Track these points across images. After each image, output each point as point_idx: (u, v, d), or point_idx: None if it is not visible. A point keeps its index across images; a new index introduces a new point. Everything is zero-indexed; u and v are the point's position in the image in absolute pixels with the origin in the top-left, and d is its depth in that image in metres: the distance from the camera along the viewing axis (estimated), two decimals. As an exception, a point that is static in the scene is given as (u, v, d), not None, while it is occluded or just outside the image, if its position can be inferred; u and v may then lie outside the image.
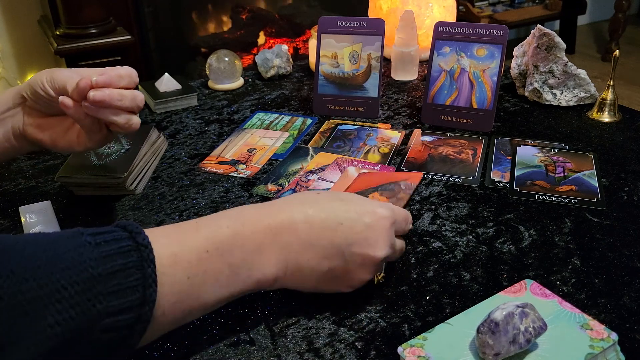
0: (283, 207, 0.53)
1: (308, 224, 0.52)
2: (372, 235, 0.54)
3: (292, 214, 0.53)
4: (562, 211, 0.73)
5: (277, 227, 0.52)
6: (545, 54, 0.99)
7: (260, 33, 2.63)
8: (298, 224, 0.52)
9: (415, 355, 0.48)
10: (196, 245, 0.47)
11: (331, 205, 0.54)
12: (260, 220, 0.51)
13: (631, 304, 0.58)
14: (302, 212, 0.53)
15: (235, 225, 0.50)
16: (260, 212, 0.52)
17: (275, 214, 0.52)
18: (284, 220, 0.52)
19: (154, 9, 2.29)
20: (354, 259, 0.54)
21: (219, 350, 0.54)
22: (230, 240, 0.49)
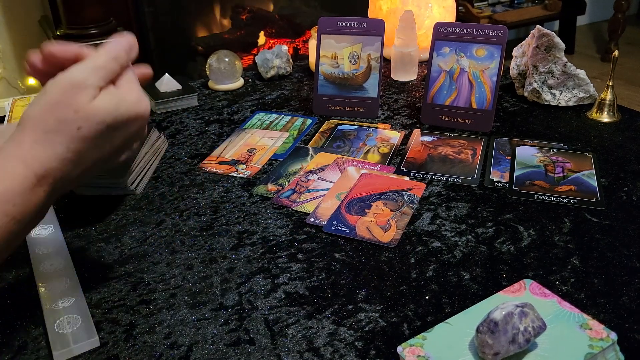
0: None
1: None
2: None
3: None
4: (561, 211, 0.73)
5: (50, 189, 0.49)
6: (544, 54, 0.99)
7: (260, 33, 2.63)
8: (67, 174, 0.49)
9: (415, 354, 0.49)
10: None
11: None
12: (32, 190, 0.47)
13: (630, 303, 0.58)
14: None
15: (6, 210, 0.46)
16: (26, 181, 0.47)
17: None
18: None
19: (154, 9, 2.29)
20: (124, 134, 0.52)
21: (219, 350, 0.54)
22: (9, 228, 0.46)
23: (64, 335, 0.54)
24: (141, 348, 0.54)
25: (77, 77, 0.49)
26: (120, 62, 0.52)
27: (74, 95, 0.48)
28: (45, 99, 0.49)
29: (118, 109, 0.50)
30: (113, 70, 0.51)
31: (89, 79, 0.49)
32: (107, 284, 0.62)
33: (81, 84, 0.49)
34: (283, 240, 0.69)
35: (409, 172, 0.83)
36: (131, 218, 0.74)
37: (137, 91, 0.52)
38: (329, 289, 0.61)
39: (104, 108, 0.49)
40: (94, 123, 0.49)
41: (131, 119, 0.51)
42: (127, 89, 0.52)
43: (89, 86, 0.49)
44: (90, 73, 0.49)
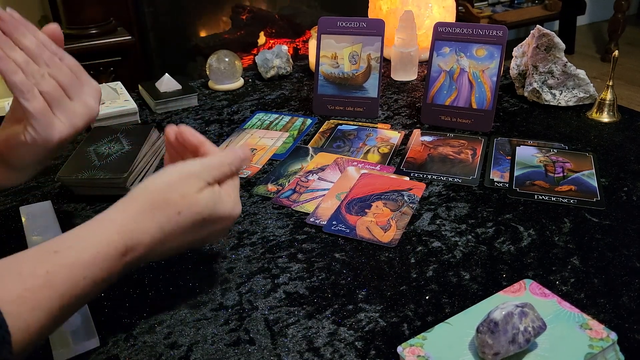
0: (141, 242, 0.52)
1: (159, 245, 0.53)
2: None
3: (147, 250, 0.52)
4: (561, 211, 0.73)
5: (132, 260, 0.51)
6: (544, 54, 0.99)
7: (260, 33, 2.63)
8: (151, 251, 0.52)
9: (415, 354, 0.49)
10: (50, 307, 0.45)
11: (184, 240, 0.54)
12: (118, 258, 0.50)
13: (630, 303, 0.58)
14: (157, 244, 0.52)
15: (92, 273, 0.48)
16: (116, 249, 0.50)
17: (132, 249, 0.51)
18: (139, 255, 0.51)
19: (154, 9, 2.29)
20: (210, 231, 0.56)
21: (219, 350, 0.54)
22: (88, 290, 0.48)
23: (64, 335, 0.54)
24: (141, 348, 0.54)
25: (194, 169, 0.55)
26: (232, 169, 0.57)
27: (185, 183, 0.53)
28: (162, 179, 0.54)
29: (216, 206, 0.54)
30: (224, 173, 0.57)
31: (202, 174, 0.55)
32: (107, 284, 0.62)
33: (194, 176, 0.54)
34: (283, 240, 0.69)
35: (409, 172, 0.83)
36: (131, 218, 0.74)
37: (235, 196, 0.58)
38: (329, 289, 0.61)
39: (205, 202, 0.54)
40: (193, 212, 0.53)
41: (223, 219, 0.56)
42: (229, 192, 0.57)
43: (200, 179, 0.54)
44: (205, 169, 0.55)
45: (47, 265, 0.46)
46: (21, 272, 0.46)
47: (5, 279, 0.45)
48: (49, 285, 0.46)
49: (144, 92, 1.10)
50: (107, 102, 1.01)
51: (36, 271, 0.46)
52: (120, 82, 1.12)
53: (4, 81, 0.57)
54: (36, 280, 0.45)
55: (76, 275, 0.47)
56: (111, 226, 0.50)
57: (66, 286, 0.46)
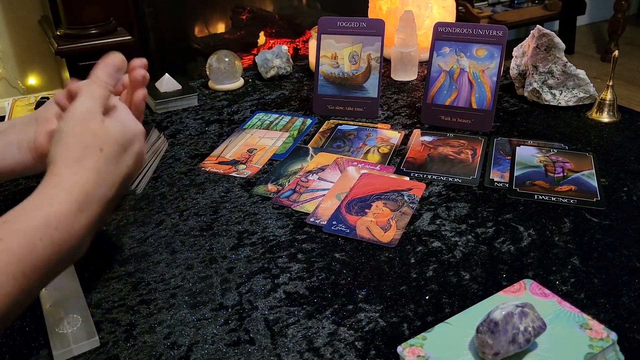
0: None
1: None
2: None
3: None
4: (561, 211, 0.73)
5: (90, 216, 0.51)
6: (544, 54, 0.99)
7: (260, 33, 2.63)
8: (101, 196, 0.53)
9: (415, 354, 0.49)
10: (12, 271, 0.46)
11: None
12: (73, 215, 0.50)
13: (630, 303, 0.58)
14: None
15: (49, 234, 0.48)
16: (69, 206, 0.50)
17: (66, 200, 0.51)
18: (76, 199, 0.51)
19: (154, 9, 2.29)
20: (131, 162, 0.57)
21: (219, 350, 0.54)
22: (50, 253, 0.48)
23: (64, 335, 0.54)
24: (141, 348, 0.54)
25: (83, 108, 0.54)
26: (109, 88, 0.57)
27: (87, 123, 0.54)
28: (64, 135, 0.53)
29: (124, 129, 0.56)
30: (105, 96, 0.56)
31: (92, 107, 0.55)
32: (107, 284, 0.62)
33: (89, 112, 0.54)
34: (283, 240, 0.69)
35: (409, 172, 0.83)
36: (131, 218, 0.74)
37: (130, 114, 0.59)
38: (329, 289, 0.61)
39: (114, 129, 0.55)
40: (111, 143, 0.54)
41: (135, 137, 0.57)
42: (124, 113, 0.57)
43: (95, 113, 0.54)
44: (91, 103, 0.55)
45: (0, 233, 0.46)
46: (9, 250, 0.46)
47: None
48: (6, 250, 0.46)
49: (144, 92, 1.10)
50: (107, 102, 1.01)
51: None
52: (120, 82, 1.12)
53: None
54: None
55: (31, 237, 0.47)
56: (54, 189, 0.51)
57: (23, 250, 0.46)
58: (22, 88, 2.51)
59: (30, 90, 2.51)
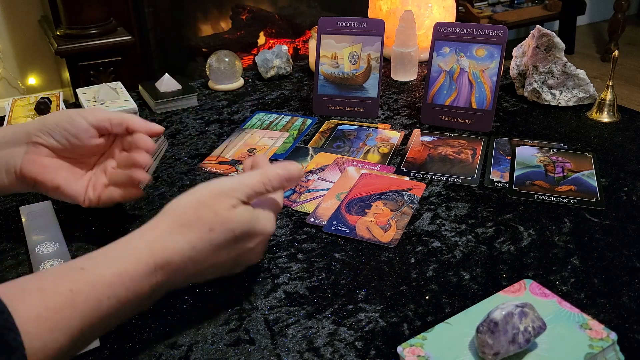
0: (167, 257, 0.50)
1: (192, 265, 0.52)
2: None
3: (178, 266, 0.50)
4: (561, 211, 0.73)
5: (162, 280, 0.50)
6: (544, 54, 0.99)
7: (260, 33, 2.63)
8: (183, 271, 0.51)
9: (415, 354, 0.49)
10: (70, 328, 0.44)
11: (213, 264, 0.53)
12: (146, 277, 0.48)
13: (630, 303, 0.58)
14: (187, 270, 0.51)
15: (117, 292, 0.47)
16: (145, 267, 0.49)
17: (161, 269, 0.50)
18: (169, 274, 0.50)
19: (154, 9, 2.29)
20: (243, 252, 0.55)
21: (219, 350, 0.54)
22: (112, 312, 0.47)
23: (64, 335, 0.54)
24: (141, 348, 0.54)
25: (227, 186, 0.53)
26: (269, 190, 0.56)
27: (218, 200, 0.52)
28: (193, 196, 0.53)
29: (250, 223, 0.53)
30: (260, 193, 0.55)
31: (236, 192, 0.53)
32: (107, 284, 0.62)
33: (228, 194, 0.53)
34: (283, 240, 0.69)
35: (409, 172, 0.83)
36: (131, 218, 0.74)
37: (270, 213, 0.57)
38: (329, 289, 0.61)
39: (238, 218, 0.52)
40: (225, 229, 0.52)
41: (257, 236, 0.55)
42: (265, 210, 0.56)
43: (233, 197, 0.53)
44: (239, 187, 0.54)
45: (71, 282, 0.45)
46: (44, 289, 0.44)
47: (27, 295, 0.43)
48: (71, 305, 0.44)
49: (144, 92, 1.10)
50: (107, 102, 1.01)
51: (59, 289, 0.44)
52: (120, 82, 1.12)
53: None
54: (58, 298, 0.44)
55: (100, 294, 0.46)
56: (140, 243, 0.49)
57: (89, 306, 0.45)
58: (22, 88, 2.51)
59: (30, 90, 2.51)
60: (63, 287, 0.44)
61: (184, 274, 0.51)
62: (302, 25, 2.64)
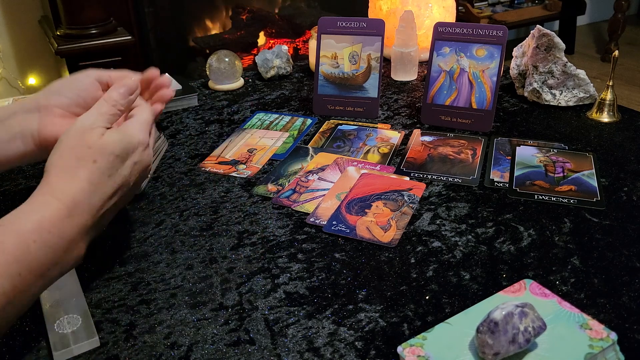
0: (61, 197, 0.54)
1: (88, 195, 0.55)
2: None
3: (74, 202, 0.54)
4: (561, 211, 0.73)
5: (79, 221, 0.53)
6: (544, 54, 0.99)
7: (260, 33, 2.63)
8: (93, 206, 0.55)
9: (415, 354, 0.49)
10: (8, 273, 0.47)
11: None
12: (63, 219, 0.52)
13: (630, 303, 0.58)
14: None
15: (43, 237, 0.50)
16: (58, 212, 0.52)
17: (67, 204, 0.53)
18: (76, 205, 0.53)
19: (154, 9, 2.29)
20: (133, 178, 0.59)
21: (219, 350, 0.54)
22: (43, 257, 0.50)
23: (64, 335, 0.54)
24: (141, 348, 0.54)
25: (86, 122, 0.58)
26: (120, 108, 0.60)
27: (84, 136, 0.56)
28: (61, 145, 0.56)
29: (123, 140, 0.57)
30: (115, 114, 0.60)
31: (96, 122, 0.58)
32: (107, 284, 0.62)
33: (90, 127, 0.57)
34: (283, 240, 0.69)
35: (409, 172, 0.83)
36: (131, 218, 0.74)
37: (135, 124, 0.60)
38: (329, 289, 0.61)
39: (111, 141, 0.57)
40: (105, 154, 0.56)
41: (136, 148, 0.59)
42: (130, 124, 0.60)
43: (96, 127, 0.57)
44: (97, 118, 0.58)
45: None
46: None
47: None
48: (2, 251, 0.47)
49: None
50: (107, 102, 1.01)
51: None
52: (120, 82, 1.12)
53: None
54: None
55: (26, 239, 0.49)
56: (44, 197, 0.53)
57: (18, 251, 0.48)
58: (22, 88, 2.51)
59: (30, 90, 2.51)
60: None
61: (94, 206, 0.55)
62: (302, 25, 2.64)
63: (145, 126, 0.61)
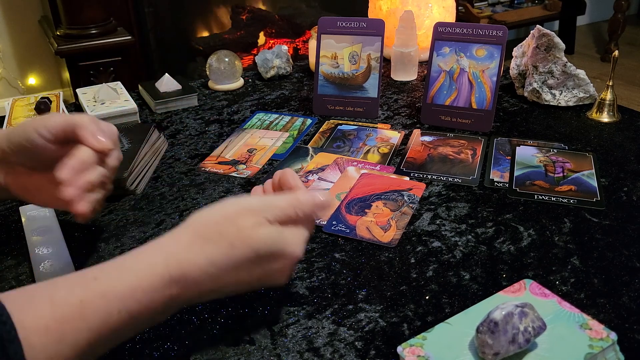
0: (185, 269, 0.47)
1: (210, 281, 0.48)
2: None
3: (194, 280, 0.47)
4: (561, 211, 0.73)
5: (177, 295, 0.47)
6: (544, 54, 0.99)
7: (260, 33, 2.63)
8: (199, 286, 0.48)
9: (415, 354, 0.49)
10: (77, 340, 0.42)
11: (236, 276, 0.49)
12: (160, 291, 0.46)
13: (630, 303, 0.58)
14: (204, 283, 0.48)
15: (129, 306, 0.45)
16: (160, 280, 0.46)
17: (177, 280, 0.47)
18: (185, 285, 0.47)
19: (154, 9, 2.29)
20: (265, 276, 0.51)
21: (219, 350, 0.54)
22: (123, 326, 0.45)
23: (64, 335, 0.54)
24: (141, 348, 0.54)
25: (254, 204, 0.51)
26: (297, 214, 0.52)
27: (243, 217, 0.49)
28: (218, 211, 0.50)
29: (274, 244, 0.50)
30: (287, 215, 0.51)
31: (263, 212, 0.50)
32: (107, 284, 0.62)
33: (254, 211, 0.50)
34: (283, 240, 0.69)
35: (409, 172, 0.83)
36: (131, 218, 0.74)
37: (299, 236, 0.52)
38: (329, 289, 0.61)
39: (263, 238, 0.49)
40: (247, 247, 0.49)
41: (282, 258, 0.51)
42: (292, 231, 0.52)
43: (260, 216, 0.50)
44: (268, 208, 0.51)
45: (83, 293, 0.43)
46: (54, 299, 0.43)
47: (36, 304, 0.42)
48: (80, 317, 0.43)
49: (144, 92, 1.10)
50: (107, 102, 1.01)
51: (69, 299, 0.43)
52: (120, 82, 1.12)
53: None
54: (67, 309, 0.42)
55: (111, 308, 0.44)
56: (157, 254, 0.47)
57: (98, 319, 0.43)
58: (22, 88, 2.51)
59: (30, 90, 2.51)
60: (74, 298, 0.43)
61: (201, 290, 0.48)
62: (302, 25, 2.64)
63: (305, 241, 0.53)
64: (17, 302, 0.42)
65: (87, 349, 0.43)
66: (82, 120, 0.58)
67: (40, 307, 0.42)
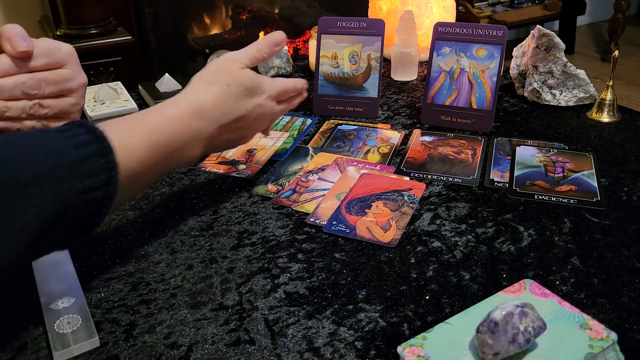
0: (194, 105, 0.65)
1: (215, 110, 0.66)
2: None
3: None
4: (561, 211, 0.73)
5: (199, 128, 0.64)
6: (544, 54, 0.99)
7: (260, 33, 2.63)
8: (213, 119, 0.66)
9: (415, 354, 0.49)
10: (143, 136, 0.58)
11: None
12: (189, 119, 0.63)
13: (630, 303, 0.58)
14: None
15: (167, 123, 0.61)
16: (187, 113, 0.63)
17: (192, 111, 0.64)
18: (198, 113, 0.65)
19: (154, 9, 2.29)
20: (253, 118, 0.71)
21: (219, 350, 0.54)
22: (169, 134, 0.60)
23: (64, 335, 0.54)
24: (141, 348, 0.54)
25: (232, 56, 0.71)
26: (263, 54, 0.72)
27: (228, 64, 0.69)
28: (207, 67, 0.69)
29: (254, 80, 0.69)
30: (258, 58, 0.72)
31: (239, 58, 0.70)
32: (107, 284, 0.62)
33: (234, 59, 0.70)
34: (283, 240, 0.69)
35: (409, 172, 0.83)
36: (131, 218, 0.74)
37: (269, 78, 0.72)
38: (329, 289, 0.61)
39: (245, 75, 0.69)
40: (238, 83, 0.67)
41: (263, 91, 0.70)
42: (264, 76, 0.71)
43: (240, 61, 0.70)
44: (242, 55, 0.71)
45: (139, 128, 0.59)
46: (143, 124, 0.59)
47: (130, 124, 0.59)
48: (141, 123, 0.59)
49: (144, 92, 1.10)
50: (107, 102, 1.01)
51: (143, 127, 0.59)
52: (120, 82, 1.12)
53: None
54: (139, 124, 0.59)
55: (159, 124, 0.60)
56: (179, 98, 0.64)
57: (154, 127, 0.60)
58: (22, 88, 2.50)
59: (30, 90, 2.50)
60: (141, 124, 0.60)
61: (217, 123, 0.65)
62: (302, 25, 2.64)
63: (278, 82, 0.72)
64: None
65: (152, 153, 0.58)
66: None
67: (134, 124, 0.59)
